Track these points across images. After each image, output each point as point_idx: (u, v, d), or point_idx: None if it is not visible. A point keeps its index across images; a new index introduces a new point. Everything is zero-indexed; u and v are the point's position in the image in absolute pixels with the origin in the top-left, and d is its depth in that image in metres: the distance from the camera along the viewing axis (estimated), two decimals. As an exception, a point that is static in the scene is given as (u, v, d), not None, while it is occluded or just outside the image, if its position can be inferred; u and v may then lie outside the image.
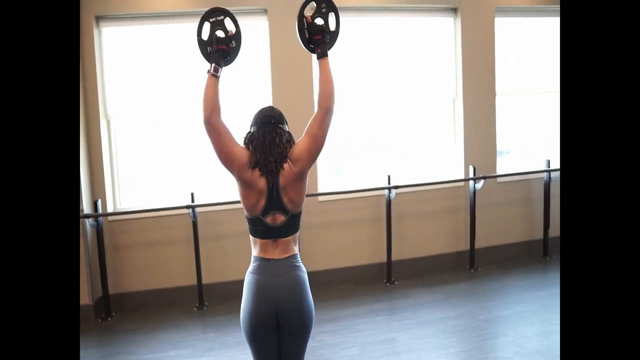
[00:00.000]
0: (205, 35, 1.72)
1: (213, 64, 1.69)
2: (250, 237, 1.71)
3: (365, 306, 3.44)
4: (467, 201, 4.10)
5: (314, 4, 1.72)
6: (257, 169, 1.62)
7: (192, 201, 3.51)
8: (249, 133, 1.68)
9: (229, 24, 1.72)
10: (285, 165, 1.64)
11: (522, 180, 4.24)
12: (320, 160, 3.87)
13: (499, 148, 4.23)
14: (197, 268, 3.58)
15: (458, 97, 4.12)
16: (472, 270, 4.04)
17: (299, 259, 1.72)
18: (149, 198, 3.79)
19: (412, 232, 4.07)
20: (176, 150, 3.81)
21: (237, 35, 1.74)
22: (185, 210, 3.51)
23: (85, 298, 3.53)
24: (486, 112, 4.13)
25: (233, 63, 1.75)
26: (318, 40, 1.71)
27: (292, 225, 1.68)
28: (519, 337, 2.85)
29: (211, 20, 1.70)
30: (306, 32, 1.72)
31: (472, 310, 3.28)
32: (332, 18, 1.74)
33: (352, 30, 3.90)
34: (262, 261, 1.66)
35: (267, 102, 3.65)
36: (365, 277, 3.96)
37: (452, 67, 4.10)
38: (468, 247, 4.06)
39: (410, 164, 4.17)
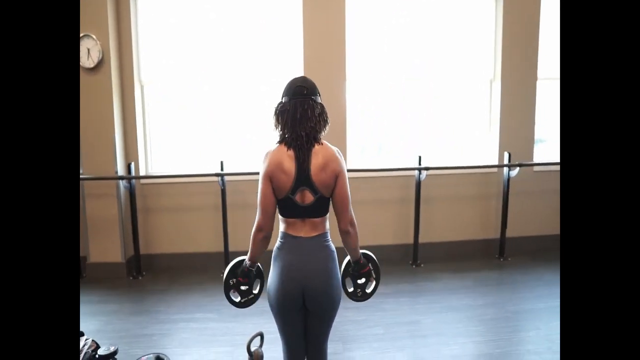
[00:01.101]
0: (236, 297, 1.82)
1: (253, 273, 1.75)
2: (279, 215, 1.66)
3: (390, 286, 3.39)
4: (500, 188, 3.96)
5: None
6: (283, 144, 1.57)
7: (222, 169, 3.56)
8: (280, 104, 1.62)
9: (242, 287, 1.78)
10: (325, 145, 1.59)
11: (559, 170, 4.06)
12: (350, 136, 3.85)
13: (536, 135, 4.06)
14: (225, 235, 3.64)
15: (496, 80, 3.97)
16: (501, 260, 3.91)
17: (329, 237, 1.67)
18: (179, 164, 3.87)
19: (440, 215, 3.98)
20: (207, 118, 3.87)
21: (250, 279, 1.78)
22: (214, 178, 3.57)
23: (117, 256, 3.68)
24: (526, 96, 3.96)
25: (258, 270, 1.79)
26: (365, 272, 1.78)
27: (321, 206, 1.61)
28: (552, 332, 2.70)
29: (232, 288, 1.79)
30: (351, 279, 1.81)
31: (501, 301, 3.16)
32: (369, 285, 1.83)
33: (389, 6, 3.82)
34: (290, 238, 1.62)
35: (299, 71, 3.66)
36: (390, 258, 3.91)
37: (491, 47, 3.95)
38: (498, 235, 3.93)
39: (442, 145, 4.07)
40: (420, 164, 3.71)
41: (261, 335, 1.99)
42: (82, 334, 2.39)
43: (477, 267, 3.78)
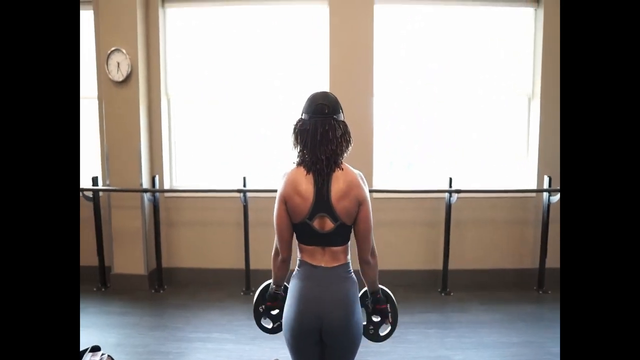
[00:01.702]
0: (267, 323, 1.79)
1: (272, 293, 1.72)
2: (297, 242, 1.57)
3: (416, 315, 3.20)
4: (539, 214, 3.69)
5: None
6: (302, 166, 1.48)
7: (244, 185, 3.50)
8: (299, 121, 1.52)
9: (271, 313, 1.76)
10: (346, 169, 1.49)
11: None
12: (376, 156, 3.71)
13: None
14: (246, 253, 3.57)
15: (535, 97, 3.72)
16: (540, 292, 3.61)
17: (351, 269, 1.56)
18: (203, 178, 3.85)
19: (472, 241, 3.75)
20: (232, 133, 3.84)
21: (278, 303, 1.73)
22: (237, 194, 3.51)
23: (140, 268, 3.68)
24: (570, 116, 3.68)
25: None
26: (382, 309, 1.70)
27: (342, 234, 1.52)
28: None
29: (263, 314, 1.77)
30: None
31: (541, 339, 2.87)
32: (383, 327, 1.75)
33: (419, 19, 3.67)
34: (309, 267, 1.52)
35: (324, 87, 3.56)
36: (417, 284, 3.71)
37: (530, 63, 3.71)
38: (537, 265, 3.64)
39: (475, 166, 3.84)
40: (451, 186, 3.51)
41: None
42: (99, 349, 2.37)
43: (513, 299, 3.51)
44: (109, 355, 2.34)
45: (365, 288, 1.69)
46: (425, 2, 3.67)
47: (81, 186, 3.54)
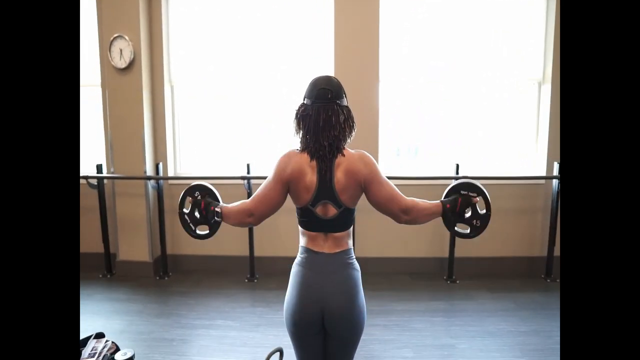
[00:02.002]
0: (199, 229, 1.66)
1: (215, 218, 1.60)
2: (299, 227, 1.54)
3: (422, 303, 3.16)
4: (548, 202, 3.61)
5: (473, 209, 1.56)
6: (305, 152, 1.44)
7: (248, 172, 3.47)
8: (301, 106, 1.48)
9: (193, 202, 1.64)
10: (347, 154, 1.45)
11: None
12: (382, 143, 3.65)
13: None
14: (250, 240, 3.56)
15: (546, 82, 3.61)
16: (548, 281, 3.56)
17: (353, 254, 1.52)
18: (206, 165, 3.83)
19: (480, 229, 3.68)
20: (235, 120, 3.80)
21: (205, 194, 1.64)
22: (241, 181, 3.49)
23: (145, 255, 3.69)
24: (581, 101, 3.57)
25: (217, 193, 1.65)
26: (454, 211, 1.54)
27: (345, 219, 1.48)
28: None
29: (187, 219, 1.64)
30: (461, 204, 1.56)
31: (548, 328, 2.82)
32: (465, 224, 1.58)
33: (427, 2, 3.57)
34: (311, 254, 1.48)
35: (329, 71, 3.50)
36: (423, 271, 3.68)
37: (541, 47, 3.60)
38: (545, 253, 3.58)
39: (483, 153, 3.77)
40: (458, 173, 3.44)
41: (280, 351, 1.85)
42: (103, 335, 2.38)
43: (520, 287, 3.45)
44: (113, 342, 2.35)
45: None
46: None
47: (85, 173, 3.54)
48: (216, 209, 1.58)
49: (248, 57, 3.68)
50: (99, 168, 3.61)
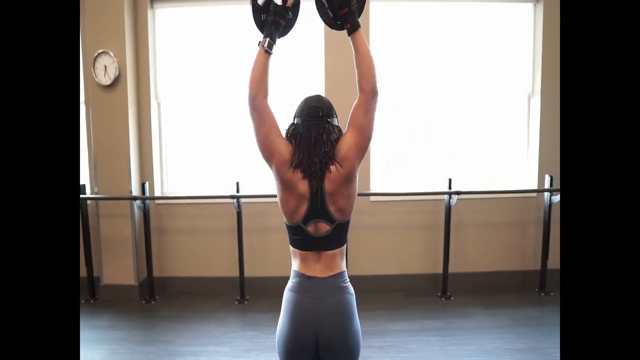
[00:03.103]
0: (261, 1, 1.51)
1: (267, 39, 1.49)
2: (290, 247, 1.48)
3: (417, 322, 3.10)
4: (540, 214, 3.61)
5: None
6: (298, 170, 1.40)
7: (237, 191, 3.39)
8: (292, 125, 1.46)
9: None
10: (332, 168, 1.40)
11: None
12: (373, 156, 3.61)
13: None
14: (240, 260, 3.46)
15: (535, 95, 3.64)
16: (542, 295, 3.53)
17: (347, 277, 1.46)
18: (195, 184, 3.74)
19: (473, 243, 3.66)
20: (224, 138, 3.73)
21: (296, 6, 1.55)
22: (230, 200, 3.40)
23: (130, 278, 3.55)
24: (569, 114, 3.61)
25: (286, 37, 1.56)
26: (344, 14, 1.49)
27: (338, 236, 1.43)
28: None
29: None
30: (328, 11, 1.52)
31: (544, 345, 2.77)
32: None
33: (416, 16, 3.59)
34: (303, 278, 1.43)
35: (319, 89, 3.47)
36: (417, 288, 3.62)
37: (529, 60, 3.63)
38: (538, 267, 3.56)
39: (474, 166, 3.76)
40: (450, 188, 3.42)
41: None
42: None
43: (515, 302, 3.42)
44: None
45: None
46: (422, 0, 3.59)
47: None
48: (276, 38, 1.51)
49: (236, 73, 3.62)
50: (82, 188, 3.48)
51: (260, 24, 1.54)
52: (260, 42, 1.49)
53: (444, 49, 3.62)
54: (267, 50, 1.50)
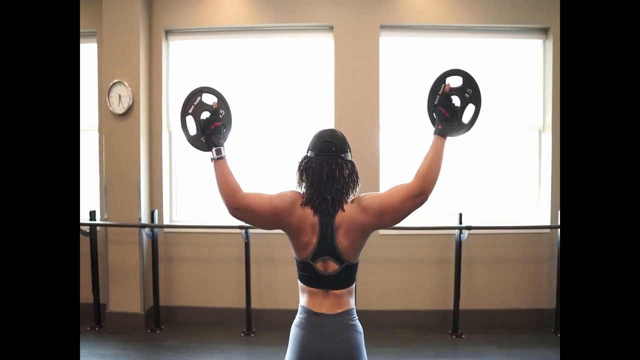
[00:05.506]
0: (193, 130, 1.55)
1: (213, 149, 1.51)
2: (298, 281, 1.47)
3: (426, 360, 3.01)
4: (554, 251, 3.52)
5: (461, 79, 1.57)
6: (309, 207, 1.40)
7: (247, 221, 3.37)
8: (304, 158, 1.46)
9: (207, 98, 1.56)
10: (347, 208, 1.40)
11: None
12: (383, 189, 3.58)
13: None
14: (247, 291, 3.41)
15: (546, 130, 3.61)
16: (558, 335, 3.41)
17: (355, 315, 1.44)
18: (203, 213, 3.73)
19: (484, 279, 3.57)
20: (233, 167, 3.72)
21: (222, 102, 1.60)
22: (239, 230, 3.38)
23: (136, 307, 3.52)
24: (583, 149, 3.56)
25: (232, 129, 1.59)
26: (444, 116, 1.55)
27: (346, 276, 1.42)
28: None
29: (190, 112, 1.55)
30: (437, 97, 1.56)
31: (560, 389, 2.69)
32: (470, 110, 1.56)
33: (425, 51, 3.62)
34: (311, 315, 1.41)
35: (329, 123, 3.48)
36: (427, 325, 3.52)
37: (540, 95, 3.62)
38: (553, 305, 3.46)
39: (485, 202, 3.70)
40: (461, 223, 3.36)
41: None
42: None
43: (530, 342, 3.30)
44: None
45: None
46: (432, 35, 3.62)
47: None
48: (222, 141, 1.51)
49: (247, 104, 3.66)
50: (92, 214, 3.50)
51: (205, 145, 1.57)
52: (211, 157, 1.51)
53: (454, 84, 3.62)
54: (220, 157, 1.51)
